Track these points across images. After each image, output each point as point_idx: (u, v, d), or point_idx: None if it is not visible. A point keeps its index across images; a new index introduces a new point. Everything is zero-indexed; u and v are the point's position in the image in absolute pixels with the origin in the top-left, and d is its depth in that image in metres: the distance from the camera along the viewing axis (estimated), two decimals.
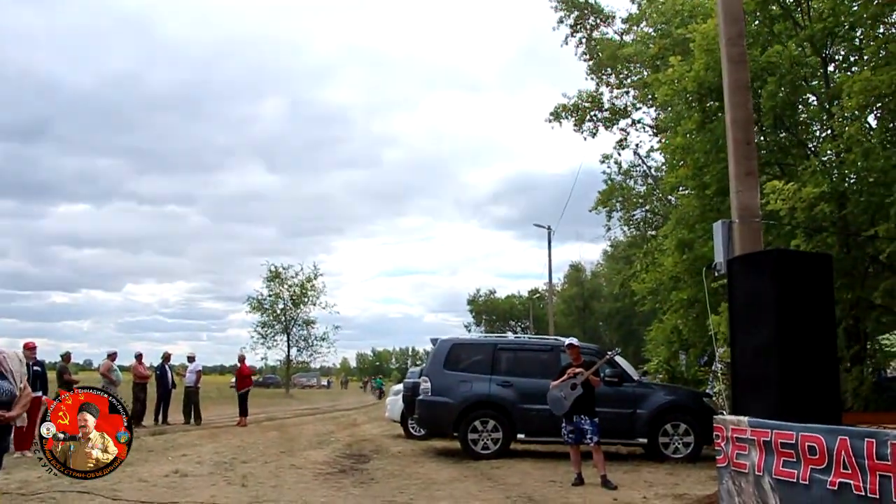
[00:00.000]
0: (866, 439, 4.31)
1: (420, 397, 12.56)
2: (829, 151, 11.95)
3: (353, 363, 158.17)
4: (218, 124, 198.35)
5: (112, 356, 18.30)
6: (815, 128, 13.62)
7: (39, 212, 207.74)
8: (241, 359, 21.72)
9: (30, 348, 12.64)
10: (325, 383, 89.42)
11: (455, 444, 12.67)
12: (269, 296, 49.03)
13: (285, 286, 49.11)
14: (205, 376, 22.03)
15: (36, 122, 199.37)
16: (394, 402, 17.13)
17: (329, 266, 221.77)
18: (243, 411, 19.50)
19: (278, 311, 49.43)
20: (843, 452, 4.47)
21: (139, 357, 19.35)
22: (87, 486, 8.28)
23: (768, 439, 5.22)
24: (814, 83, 13.10)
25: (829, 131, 12.50)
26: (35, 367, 12.77)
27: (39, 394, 11.20)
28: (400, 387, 17.34)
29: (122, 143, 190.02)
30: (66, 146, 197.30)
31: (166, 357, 20.08)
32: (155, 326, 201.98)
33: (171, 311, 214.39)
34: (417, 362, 73.29)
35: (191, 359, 20.67)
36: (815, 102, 13.13)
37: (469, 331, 68.50)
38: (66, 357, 18.02)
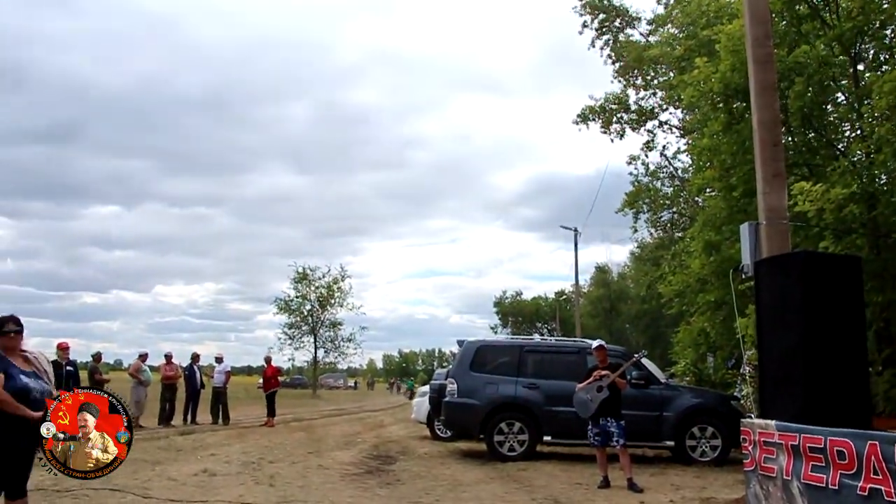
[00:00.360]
0: None
1: (446, 399, 12.59)
2: (858, 152, 11.80)
3: (379, 364, 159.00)
4: (246, 126, 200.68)
5: (143, 357, 18.60)
6: (844, 128, 13.46)
7: (71, 213, 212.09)
8: (268, 360, 21.95)
9: (63, 348, 12.89)
10: (352, 384, 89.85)
11: (481, 445, 12.68)
12: (297, 297, 49.33)
13: (312, 287, 49.36)
14: (232, 377, 22.22)
15: (69, 124, 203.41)
16: (420, 403, 17.18)
17: (356, 267, 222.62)
18: (271, 412, 19.68)
19: (305, 313, 49.69)
20: (872, 457, 4.42)
21: (168, 357, 19.61)
22: (119, 483, 8.45)
23: (796, 443, 5.18)
24: (843, 83, 12.96)
25: (858, 131, 12.35)
26: (68, 367, 13.02)
27: None
28: (426, 388, 17.38)
29: (152, 144, 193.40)
30: (98, 148, 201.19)
31: (195, 358, 20.32)
32: (183, 327, 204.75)
33: (200, 312, 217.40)
34: (444, 364, 73.28)
35: (219, 359, 20.92)
36: (845, 102, 12.98)
37: (495, 332, 68.36)
38: (97, 357, 18.35)
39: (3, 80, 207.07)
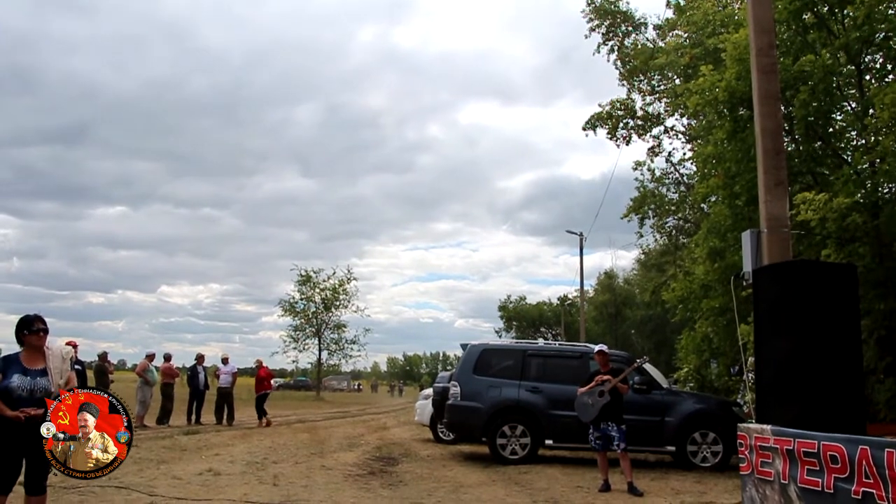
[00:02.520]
0: (886, 449, 4.34)
1: (449, 402, 12.66)
2: (863, 161, 11.87)
3: (383, 367, 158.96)
4: (254, 129, 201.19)
5: (150, 357, 18.74)
6: (850, 137, 13.50)
7: (78, 214, 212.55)
8: (259, 363, 21.92)
9: (72, 346, 12.97)
10: (356, 387, 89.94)
11: (483, 448, 12.75)
12: (301, 299, 49.41)
13: (317, 290, 49.43)
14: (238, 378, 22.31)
15: (77, 126, 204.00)
16: (423, 406, 17.25)
17: (361, 270, 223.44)
18: (261, 413, 19.87)
19: (310, 315, 49.75)
20: (864, 462, 4.50)
21: (167, 358, 19.80)
22: (124, 481, 8.58)
23: (791, 448, 5.26)
24: (850, 92, 13.01)
25: (863, 141, 12.41)
26: (76, 366, 13.12)
27: None
28: (429, 391, 17.45)
29: (159, 146, 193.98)
30: (106, 150, 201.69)
31: (199, 359, 20.44)
32: (188, 328, 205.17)
33: (204, 313, 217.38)
34: (448, 367, 73.38)
35: (224, 360, 21.02)
36: (851, 112, 13.03)
37: (500, 336, 68.43)
38: (103, 356, 18.55)
39: (14, 82, 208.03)
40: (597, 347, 10.40)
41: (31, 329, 5.24)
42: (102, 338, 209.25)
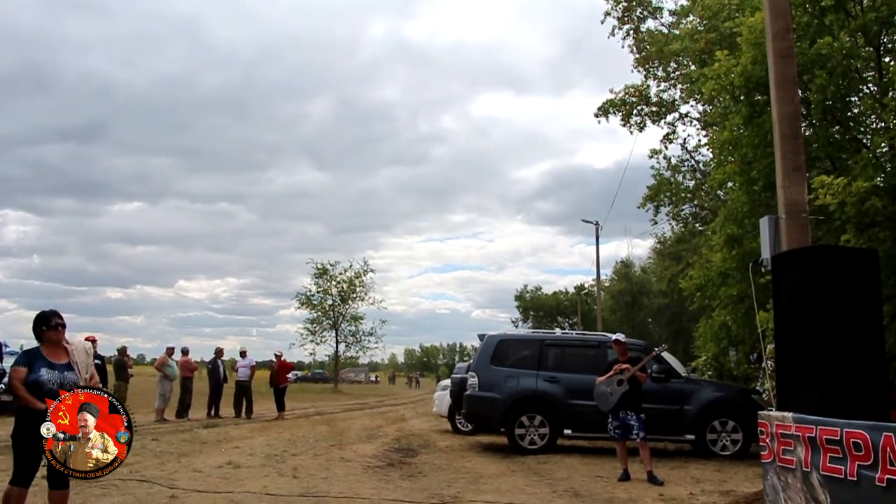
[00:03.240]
0: None
1: (467, 392, 12.68)
2: (882, 145, 11.71)
3: (401, 359, 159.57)
4: (267, 124, 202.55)
5: (170, 351, 18.88)
6: (869, 120, 13.32)
7: (96, 210, 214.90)
8: (278, 356, 22.01)
9: (91, 342, 13.08)
10: (373, 379, 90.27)
11: (502, 439, 12.77)
12: (318, 292, 49.53)
13: (334, 282, 49.52)
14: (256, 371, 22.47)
15: (93, 123, 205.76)
16: (441, 397, 17.28)
17: (376, 262, 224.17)
18: (280, 406, 20.03)
19: (327, 307, 49.87)
20: (888, 449, 4.44)
21: (185, 352, 19.96)
22: (146, 475, 8.69)
23: (813, 435, 5.20)
24: (868, 74, 12.82)
25: (882, 124, 12.24)
26: (96, 361, 13.22)
27: None
28: (447, 382, 17.48)
29: (174, 143, 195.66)
30: (122, 147, 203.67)
31: (218, 352, 20.56)
32: (206, 322, 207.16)
33: (222, 307, 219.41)
34: (465, 358, 73.46)
35: (243, 354, 21.15)
36: (870, 94, 12.85)
37: (516, 326, 68.40)
38: (122, 351, 18.72)
39: (31, 81, 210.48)
40: (614, 336, 10.37)
41: (48, 324, 5.30)
42: (121, 333, 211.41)
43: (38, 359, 5.23)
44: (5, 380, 5.36)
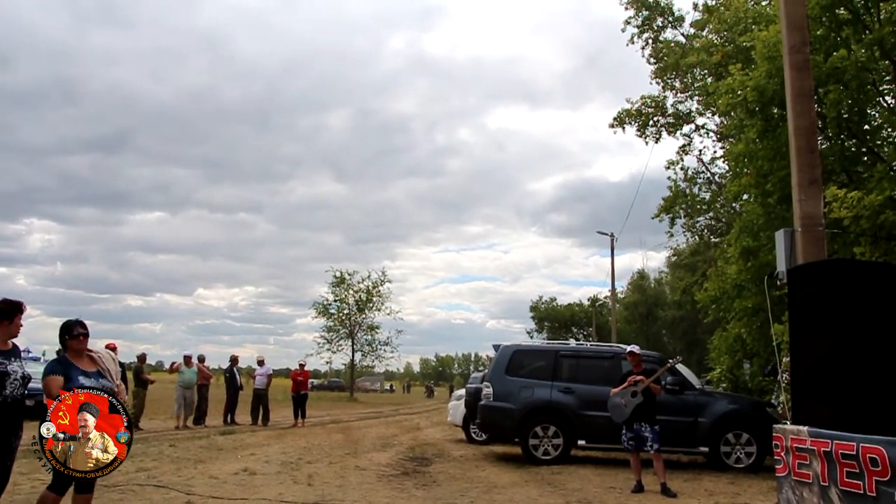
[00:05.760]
0: None
1: (482, 402, 12.70)
2: None
3: (416, 368, 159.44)
4: (287, 135, 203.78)
5: (187, 359, 19.01)
6: (885, 132, 13.29)
7: (118, 219, 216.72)
8: (302, 365, 22.13)
9: (111, 349, 13.22)
10: (389, 387, 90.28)
11: (516, 449, 12.78)
12: (335, 301, 49.66)
13: (351, 292, 49.65)
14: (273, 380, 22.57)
15: (117, 134, 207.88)
16: (456, 407, 17.30)
17: (393, 272, 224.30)
18: (299, 414, 20.14)
19: (343, 316, 49.98)
20: None
21: (202, 359, 20.08)
22: (163, 480, 8.79)
23: (828, 450, 5.21)
24: (884, 87, 12.80)
25: None
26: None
27: None
28: (462, 392, 17.50)
29: (196, 153, 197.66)
30: (144, 157, 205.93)
31: (234, 360, 20.67)
32: (224, 330, 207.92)
33: (240, 315, 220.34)
34: (480, 368, 73.31)
35: (260, 362, 21.25)
36: (886, 107, 12.83)
37: (531, 337, 68.16)
38: (142, 358, 18.86)
39: (58, 93, 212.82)
40: (629, 348, 10.38)
41: (71, 334, 5.40)
42: (141, 340, 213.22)
43: (71, 367, 5.32)
44: (31, 384, 5.39)
